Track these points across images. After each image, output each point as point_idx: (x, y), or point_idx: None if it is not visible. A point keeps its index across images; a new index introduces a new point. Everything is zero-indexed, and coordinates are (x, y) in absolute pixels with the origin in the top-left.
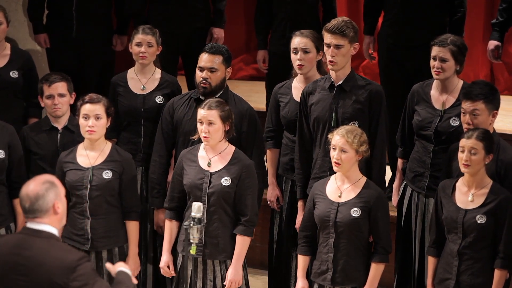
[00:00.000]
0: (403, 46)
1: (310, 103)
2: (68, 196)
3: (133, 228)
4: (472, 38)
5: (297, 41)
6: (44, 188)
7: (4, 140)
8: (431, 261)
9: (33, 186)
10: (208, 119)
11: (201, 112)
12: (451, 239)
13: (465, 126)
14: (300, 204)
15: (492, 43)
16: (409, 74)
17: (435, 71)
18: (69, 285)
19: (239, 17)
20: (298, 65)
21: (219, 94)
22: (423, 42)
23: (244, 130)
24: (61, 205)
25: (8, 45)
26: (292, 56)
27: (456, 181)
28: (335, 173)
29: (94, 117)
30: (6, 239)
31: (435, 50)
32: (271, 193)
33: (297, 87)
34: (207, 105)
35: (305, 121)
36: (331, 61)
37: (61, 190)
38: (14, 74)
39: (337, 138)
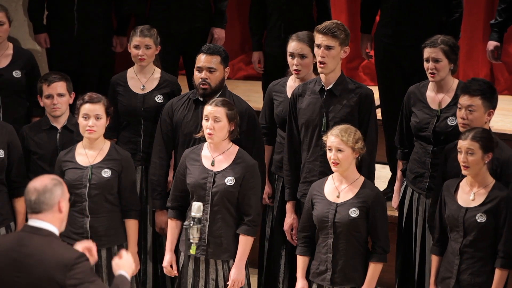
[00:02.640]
0: (400, 45)
1: (299, 106)
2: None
3: (132, 226)
4: (472, 38)
5: (294, 45)
6: (52, 183)
7: (4, 139)
8: (434, 260)
9: (41, 180)
10: (215, 115)
11: (208, 109)
12: (453, 237)
13: (459, 121)
14: (288, 206)
15: (491, 44)
16: (406, 73)
17: (430, 73)
18: (66, 282)
19: (234, 18)
20: (295, 70)
21: (218, 95)
22: (420, 41)
23: (243, 129)
24: (65, 205)
25: (11, 45)
26: (289, 59)
27: (461, 180)
28: (324, 176)
29: (94, 117)
30: (6, 237)
31: (427, 52)
32: None
33: (292, 86)
34: (214, 102)
35: (295, 123)
36: (321, 62)
37: (66, 192)
38: (16, 73)
39: (332, 138)
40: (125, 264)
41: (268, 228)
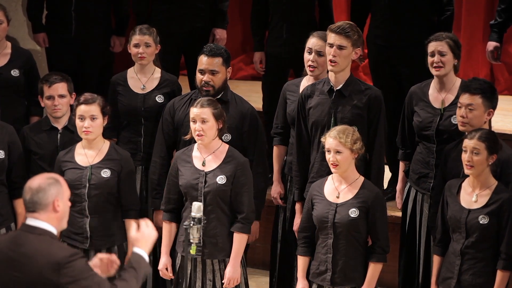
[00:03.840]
0: (392, 46)
1: (308, 107)
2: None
3: (132, 226)
4: (472, 38)
5: (313, 41)
6: (47, 183)
7: (4, 140)
8: (436, 260)
9: (37, 180)
10: (202, 117)
11: (194, 111)
12: (455, 238)
13: (459, 119)
14: (297, 206)
15: (491, 44)
16: (399, 74)
17: (435, 66)
18: (60, 281)
19: (235, 18)
20: (310, 66)
21: (220, 95)
22: (412, 42)
23: (245, 130)
24: (62, 204)
25: (9, 44)
26: (306, 55)
27: (463, 181)
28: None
29: (89, 118)
30: (4, 236)
31: (432, 46)
32: (274, 189)
33: (306, 85)
34: (200, 104)
35: (303, 124)
36: (331, 61)
37: (65, 191)
38: (15, 72)
39: (330, 140)
40: (142, 238)
41: (280, 230)
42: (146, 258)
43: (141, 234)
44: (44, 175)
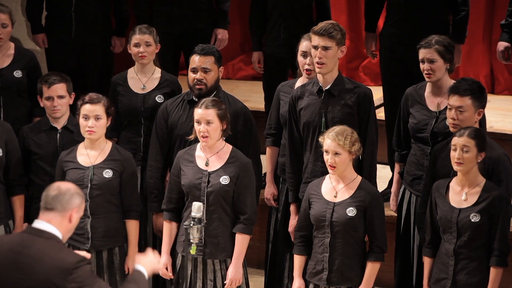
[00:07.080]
0: (407, 45)
1: (299, 108)
2: None
3: (133, 227)
4: (472, 38)
5: (306, 44)
6: (76, 191)
7: (1, 138)
8: (427, 262)
9: (68, 184)
10: (206, 119)
11: (198, 112)
12: (446, 239)
13: (449, 121)
14: (292, 208)
15: (502, 45)
16: (412, 73)
17: (426, 74)
18: (66, 286)
19: (235, 18)
20: (306, 69)
21: (212, 95)
22: None
23: (239, 129)
24: (76, 218)
25: (12, 45)
26: (300, 59)
27: (450, 180)
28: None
29: (94, 117)
30: (9, 237)
31: (422, 53)
32: (267, 190)
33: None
34: (204, 105)
35: (295, 126)
36: (318, 63)
37: (83, 207)
38: (17, 73)
39: (328, 142)
40: (147, 261)
41: (271, 231)
42: (147, 276)
43: (147, 257)
44: (75, 185)
